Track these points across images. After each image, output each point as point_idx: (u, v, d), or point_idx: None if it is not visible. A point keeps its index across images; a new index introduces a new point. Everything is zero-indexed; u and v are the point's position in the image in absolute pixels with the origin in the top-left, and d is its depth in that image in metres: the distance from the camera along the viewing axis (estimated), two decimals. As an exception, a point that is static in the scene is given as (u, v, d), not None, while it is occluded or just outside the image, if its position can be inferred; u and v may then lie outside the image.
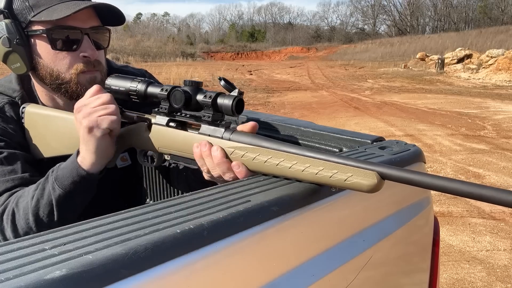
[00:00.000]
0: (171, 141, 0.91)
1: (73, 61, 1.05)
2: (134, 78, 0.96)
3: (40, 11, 1.02)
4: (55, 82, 1.06)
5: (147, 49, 38.88)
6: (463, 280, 2.89)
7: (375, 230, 0.85)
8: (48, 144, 1.06)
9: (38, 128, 1.06)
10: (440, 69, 19.03)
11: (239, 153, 0.81)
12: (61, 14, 0.99)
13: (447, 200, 4.20)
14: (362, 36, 60.51)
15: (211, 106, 0.84)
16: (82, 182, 0.94)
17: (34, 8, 1.02)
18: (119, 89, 0.96)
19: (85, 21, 1.04)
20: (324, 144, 1.11)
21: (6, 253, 0.48)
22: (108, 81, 0.98)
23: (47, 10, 1.01)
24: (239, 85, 14.89)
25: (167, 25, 79.13)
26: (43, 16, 1.01)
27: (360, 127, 7.49)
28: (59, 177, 0.94)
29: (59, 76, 1.05)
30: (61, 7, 1.01)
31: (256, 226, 0.62)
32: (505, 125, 7.68)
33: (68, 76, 1.05)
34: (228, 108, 0.82)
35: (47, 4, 1.02)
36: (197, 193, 0.68)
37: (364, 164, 0.67)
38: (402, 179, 0.65)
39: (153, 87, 0.92)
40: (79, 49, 1.04)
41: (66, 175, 0.94)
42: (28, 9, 1.02)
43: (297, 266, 0.68)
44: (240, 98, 0.83)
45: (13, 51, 1.03)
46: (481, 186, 0.59)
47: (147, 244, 0.50)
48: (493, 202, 0.58)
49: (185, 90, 0.86)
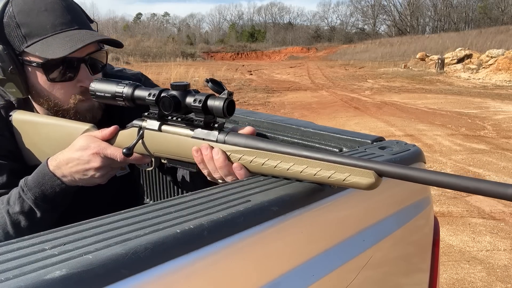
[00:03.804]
0: (165, 145, 0.89)
1: (70, 91, 1.02)
2: (119, 82, 0.92)
3: (33, 42, 0.97)
4: (53, 109, 1.04)
5: (147, 49, 38.86)
6: (463, 280, 2.89)
7: (375, 230, 0.85)
8: (41, 150, 1.04)
9: (29, 135, 1.04)
10: (440, 69, 19.02)
11: (236, 156, 0.80)
12: (56, 54, 0.94)
13: (447, 200, 4.20)
14: (362, 36, 60.51)
15: (202, 110, 0.82)
16: (65, 193, 0.95)
17: (27, 38, 0.97)
18: (105, 95, 0.93)
19: (82, 50, 0.99)
20: (324, 144, 1.11)
21: (6, 253, 0.48)
22: (93, 86, 0.94)
23: (41, 42, 0.96)
24: (239, 85, 14.89)
25: (167, 25, 79.10)
26: (37, 51, 0.96)
27: (360, 127, 7.49)
28: (39, 195, 0.92)
29: (57, 104, 1.03)
30: (56, 41, 0.96)
31: (256, 226, 0.62)
32: (505, 125, 7.68)
33: (66, 106, 1.03)
34: (219, 111, 0.80)
35: (41, 35, 0.97)
36: (197, 193, 0.68)
37: (361, 162, 0.67)
38: (398, 175, 0.65)
39: (140, 91, 0.89)
40: (76, 78, 1.01)
41: (47, 190, 0.93)
42: (21, 39, 0.97)
43: (297, 266, 0.68)
44: (230, 99, 0.81)
45: (8, 80, 0.99)
46: (478, 180, 0.60)
47: (147, 244, 0.50)
48: (489, 196, 0.58)
49: (173, 95, 0.84)
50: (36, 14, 0.97)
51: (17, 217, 0.93)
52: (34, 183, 0.93)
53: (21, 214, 0.93)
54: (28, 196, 0.92)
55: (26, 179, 0.94)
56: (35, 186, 0.92)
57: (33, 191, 0.92)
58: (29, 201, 0.92)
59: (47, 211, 0.94)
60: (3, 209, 0.94)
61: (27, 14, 0.97)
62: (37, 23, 0.97)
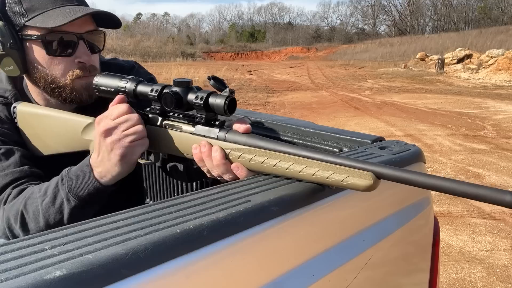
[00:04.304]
0: (166, 141, 0.90)
1: (68, 67, 1.03)
2: (123, 77, 0.94)
3: (34, 15, 0.99)
4: (49, 86, 1.04)
5: (147, 49, 38.88)
6: (463, 280, 2.89)
7: (375, 230, 0.85)
8: (45, 142, 1.05)
9: (33, 127, 1.05)
10: (440, 69, 19.02)
11: (235, 154, 0.80)
12: (56, 22, 0.97)
13: (447, 200, 4.20)
14: (362, 36, 60.49)
15: (203, 107, 0.83)
16: (99, 194, 0.92)
17: (28, 12, 0.99)
18: (108, 89, 0.94)
19: (81, 26, 1.02)
20: (324, 144, 1.11)
21: (6, 253, 0.48)
22: (96, 80, 0.96)
23: (42, 15, 0.99)
24: (239, 85, 14.90)
25: (167, 25, 79.11)
26: (37, 22, 0.98)
27: (360, 127, 7.49)
28: (73, 188, 0.91)
29: (54, 81, 1.04)
30: (56, 13, 0.99)
31: (256, 226, 0.62)
32: (505, 125, 7.68)
33: (63, 82, 1.04)
34: (220, 108, 0.81)
35: (42, 9, 1.00)
36: (197, 193, 0.68)
37: (359, 163, 0.68)
38: (397, 179, 0.65)
39: (143, 86, 0.90)
40: (74, 54, 1.03)
41: (82, 186, 0.91)
42: (22, 13, 1.00)
43: (297, 266, 0.68)
44: (232, 97, 0.82)
45: (6, 54, 1.01)
46: (476, 185, 0.59)
47: (147, 244, 0.50)
48: (487, 202, 0.59)
49: (175, 92, 0.85)
50: None
51: (48, 209, 0.91)
52: (73, 175, 0.92)
53: (52, 206, 0.91)
54: (64, 188, 0.91)
55: (69, 169, 0.94)
56: (73, 179, 0.92)
57: (70, 183, 0.91)
58: (62, 192, 0.91)
59: (76, 207, 0.92)
60: (39, 199, 0.92)
61: None
62: None
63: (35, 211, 0.92)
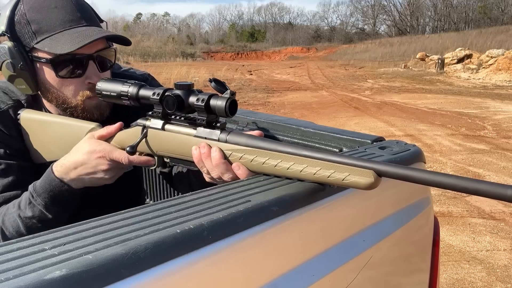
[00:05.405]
0: (168, 144, 0.90)
1: (78, 88, 1.03)
2: (125, 81, 0.94)
3: (43, 38, 0.98)
4: (61, 105, 1.05)
5: (147, 49, 38.84)
6: (463, 280, 2.89)
7: (375, 230, 0.85)
8: (48, 149, 1.06)
9: (36, 133, 1.06)
10: (440, 69, 19.02)
11: (237, 155, 0.81)
12: (64, 49, 0.96)
13: (447, 200, 4.20)
14: (362, 36, 60.48)
15: (204, 109, 0.83)
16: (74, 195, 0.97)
17: (37, 35, 0.99)
18: (110, 94, 0.95)
19: (90, 47, 1.00)
20: (324, 144, 1.11)
21: (6, 253, 0.48)
22: (99, 85, 0.97)
23: (50, 39, 0.98)
24: (239, 85, 14.90)
25: (167, 25, 79.10)
26: (46, 47, 0.98)
27: (360, 127, 7.49)
28: (49, 202, 0.95)
29: (66, 101, 1.04)
30: (65, 37, 0.98)
31: (256, 226, 0.62)
32: (505, 125, 7.68)
33: (75, 102, 1.04)
34: (221, 110, 0.82)
35: (51, 31, 0.98)
36: (197, 193, 0.68)
37: (360, 162, 0.68)
38: (397, 175, 0.65)
39: (144, 90, 0.91)
40: (84, 75, 1.03)
41: (56, 195, 0.95)
42: (31, 35, 0.99)
43: (297, 266, 0.68)
44: (233, 99, 0.83)
45: (18, 76, 1.01)
46: (477, 180, 0.60)
47: (147, 244, 0.50)
48: (489, 197, 0.59)
49: (177, 94, 0.85)
50: (46, 11, 0.99)
51: (29, 221, 0.96)
52: (42, 189, 0.95)
53: (33, 219, 0.96)
54: (38, 202, 0.95)
55: (34, 185, 0.97)
56: (43, 192, 0.95)
57: (42, 196, 0.95)
58: (39, 206, 0.95)
59: (58, 212, 0.97)
60: (14, 213, 0.96)
61: (37, 11, 0.99)
62: (47, 20, 0.99)
63: (13, 225, 0.97)
